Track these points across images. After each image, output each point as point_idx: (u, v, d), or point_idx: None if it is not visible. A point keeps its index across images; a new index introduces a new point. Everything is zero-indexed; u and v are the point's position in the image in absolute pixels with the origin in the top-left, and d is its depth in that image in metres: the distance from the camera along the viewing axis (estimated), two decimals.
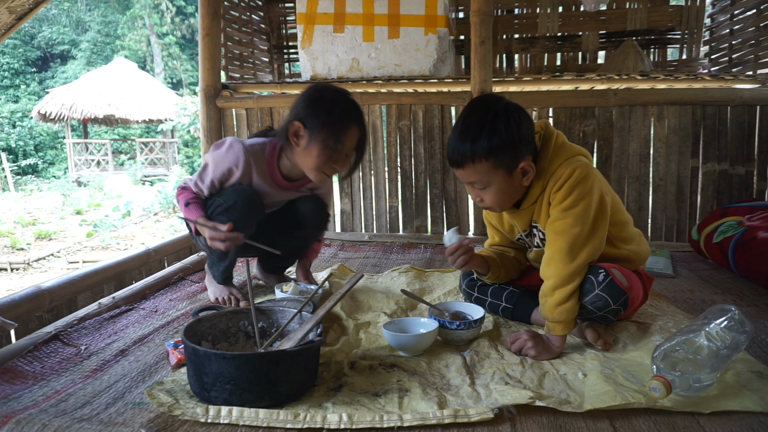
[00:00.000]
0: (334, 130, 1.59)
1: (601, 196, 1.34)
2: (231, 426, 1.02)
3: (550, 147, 1.38)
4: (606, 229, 1.36)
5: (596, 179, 1.34)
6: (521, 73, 3.66)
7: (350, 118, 1.62)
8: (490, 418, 1.03)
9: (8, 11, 2.04)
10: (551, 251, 1.34)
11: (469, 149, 1.31)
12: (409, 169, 2.98)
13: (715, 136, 2.71)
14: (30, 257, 5.88)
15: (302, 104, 1.65)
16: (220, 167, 1.67)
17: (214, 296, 1.81)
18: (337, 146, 1.61)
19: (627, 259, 1.46)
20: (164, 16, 17.59)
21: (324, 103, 1.62)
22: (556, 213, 1.34)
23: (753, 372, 1.19)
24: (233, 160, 1.66)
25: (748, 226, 2.04)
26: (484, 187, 1.36)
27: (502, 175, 1.34)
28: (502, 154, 1.31)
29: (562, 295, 1.31)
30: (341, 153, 1.63)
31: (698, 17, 3.39)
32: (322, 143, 1.60)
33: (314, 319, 1.24)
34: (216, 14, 2.99)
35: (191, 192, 1.69)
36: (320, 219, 1.85)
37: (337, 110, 1.60)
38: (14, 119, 15.79)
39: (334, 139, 1.60)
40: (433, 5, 3.00)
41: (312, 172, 1.67)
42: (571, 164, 1.33)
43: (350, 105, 1.64)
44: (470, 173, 1.35)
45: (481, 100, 1.39)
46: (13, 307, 1.56)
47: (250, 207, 1.66)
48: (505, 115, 1.31)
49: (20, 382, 1.20)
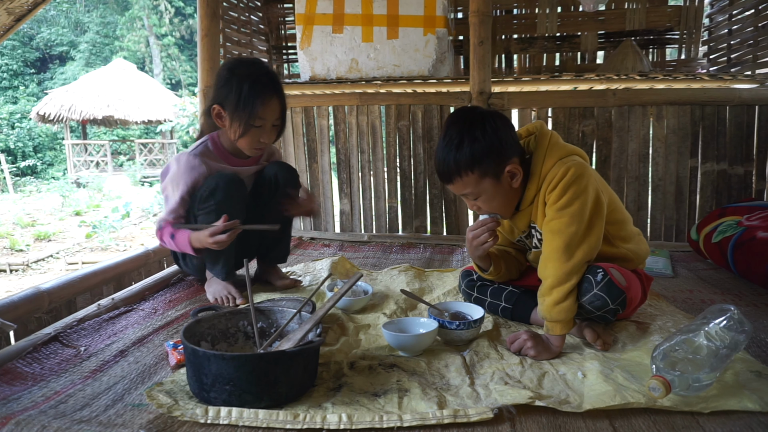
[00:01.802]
0: (248, 106, 1.64)
1: (597, 195, 1.34)
2: (230, 427, 1.02)
3: (544, 147, 1.38)
4: (602, 228, 1.36)
5: (591, 178, 1.34)
6: (520, 73, 3.66)
7: (263, 91, 1.65)
8: (489, 418, 1.03)
9: (7, 12, 2.04)
10: (548, 250, 1.34)
11: (453, 163, 1.33)
12: (409, 170, 2.98)
13: (714, 136, 2.72)
14: (29, 258, 5.88)
15: (217, 85, 1.71)
16: (182, 183, 1.70)
17: (213, 296, 1.81)
18: (255, 121, 1.66)
19: (625, 258, 1.46)
20: (163, 17, 17.58)
21: (235, 80, 1.66)
22: (552, 212, 1.34)
23: (752, 371, 1.19)
24: (189, 169, 1.70)
25: (747, 226, 2.04)
26: (476, 197, 1.39)
27: (491, 182, 1.35)
28: (485, 161, 1.32)
29: (559, 293, 1.31)
30: (263, 127, 1.69)
31: (697, 17, 3.39)
32: (240, 120, 1.66)
33: (313, 319, 1.24)
34: (215, 15, 2.99)
35: (168, 225, 1.71)
36: (289, 173, 1.88)
37: (246, 86, 1.63)
38: (13, 120, 15.78)
39: (250, 114, 1.64)
40: (431, 6, 3.00)
41: (244, 148, 1.74)
42: (564, 164, 1.34)
43: (262, 77, 1.66)
44: (460, 186, 1.37)
45: (458, 112, 1.41)
46: (12, 308, 1.56)
47: (231, 184, 1.70)
48: (480, 122, 1.33)
49: (20, 383, 1.20)
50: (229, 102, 1.67)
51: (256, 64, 1.72)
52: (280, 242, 1.97)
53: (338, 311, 1.66)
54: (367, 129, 3.01)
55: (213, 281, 1.85)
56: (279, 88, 1.70)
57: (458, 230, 2.96)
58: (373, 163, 3.01)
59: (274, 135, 1.77)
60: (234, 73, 1.68)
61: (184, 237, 1.66)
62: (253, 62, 1.73)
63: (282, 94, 1.72)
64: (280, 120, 1.74)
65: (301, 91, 3.26)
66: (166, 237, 1.71)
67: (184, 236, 1.66)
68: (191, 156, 1.73)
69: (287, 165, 1.92)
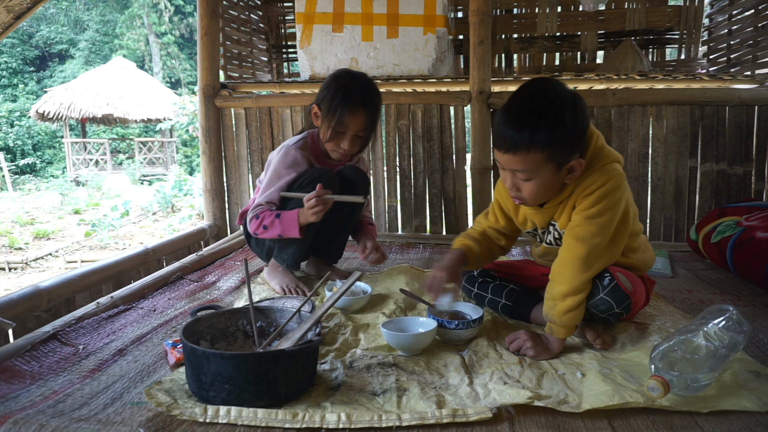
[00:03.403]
0: (336, 112, 1.75)
1: (627, 210, 1.32)
2: (229, 426, 1.02)
3: (590, 148, 1.32)
4: (624, 243, 1.35)
5: (625, 191, 1.32)
6: (520, 72, 3.66)
7: (353, 102, 1.75)
8: (488, 418, 1.03)
9: (6, 10, 2.04)
10: (567, 256, 1.31)
11: (527, 137, 1.20)
12: (408, 169, 2.98)
13: (714, 136, 2.72)
14: (28, 257, 5.88)
15: (321, 88, 1.83)
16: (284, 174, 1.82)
17: (280, 285, 1.86)
18: (339, 127, 1.77)
19: (634, 267, 1.45)
20: (163, 16, 17.55)
21: (333, 86, 1.78)
22: (580, 218, 1.31)
23: (751, 372, 1.19)
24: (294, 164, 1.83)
25: (746, 226, 2.04)
26: (527, 178, 1.28)
27: (551, 169, 1.26)
28: (559, 148, 1.22)
29: (573, 302, 1.30)
30: (346, 134, 1.78)
31: (696, 17, 3.39)
32: (328, 123, 1.77)
33: (313, 318, 1.24)
34: (215, 14, 2.99)
35: (267, 210, 1.80)
36: (362, 179, 1.94)
37: (340, 94, 1.75)
38: (12, 118, 15.76)
39: (337, 120, 1.75)
40: (431, 5, 3.00)
41: (329, 150, 1.86)
42: (606, 173, 1.29)
43: (358, 89, 1.77)
44: (519, 161, 1.25)
45: (545, 81, 1.29)
46: (11, 306, 1.56)
47: (330, 176, 1.81)
48: (572, 105, 1.23)
49: (18, 381, 1.20)
50: (324, 104, 1.79)
51: (358, 77, 1.82)
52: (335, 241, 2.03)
53: (337, 311, 1.66)
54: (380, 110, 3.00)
55: (278, 271, 1.90)
56: (369, 102, 1.79)
57: (458, 230, 2.96)
58: (373, 162, 3.01)
59: (358, 145, 1.85)
60: (335, 80, 1.81)
61: (293, 215, 1.73)
62: (356, 75, 1.84)
63: (372, 108, 1.80)
64: (365, 131, 1.82)
65: (300, 90, 3.25)
66: (268, 219, 1.77)
67: (293, 215, 1.73)
68: (295, 149, 1.85)
69: (361, 171, 1.96)
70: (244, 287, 1.96)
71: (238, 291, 1.93)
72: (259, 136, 3.11)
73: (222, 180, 3.13)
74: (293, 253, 1.85)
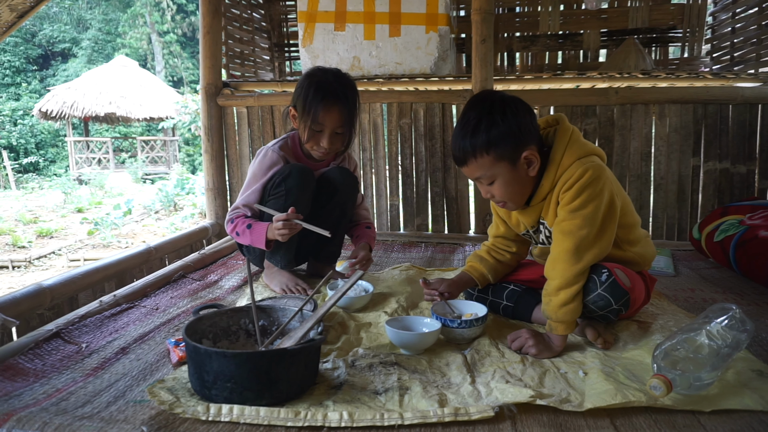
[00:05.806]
0: (311, 111, 1.70)
1: (611, 199, 1.33)
2: (232, 424, 1.02)
3: (564, 143, 1.36)
4: (614, 232, 1.35)
5: (608, 181, 1.33)
6: (522, 71, 3.66)
7: (326, 98, 1.70)
8: (490, 417, 1.03)
9: (9, 9, 2.04)
10: (557, 251, 1.33)
11: (469, 144, 1.32)
12: (410, 168, 2.98)
13: (717, 134, 2.71)
14: (31, 255, 5.89)
15: (296, 88, 1.79)
16: (260, 176, 1.81)
17: (280, 287, 1.85)
18: (316, 126, 1.73)
19: (632, 261, 1.45)
20: (165, 14, 17.57)
21: (306, 84, 1.74)
22: (564, 213, 1.33)
23: (754, 371, 1.19)
24: (270, 165, 1.81)
25: (749, 225, 2.04)
26: (490, 181, 1.36)
27: (506, 167, 1.33)
28: (502, 145, 1.30)
29: (567, 295, 1.30)
30: (324, 132, 1.74)
31: (700, 15, 3.38)
32: (304, 123, 1.74)
33: (315, 317, 1.24)
34: (217, 12, 2.99)
35: (242, 216, 1.79)
36: (348, 179, 1.90)
37: (312, 92, 1.70)
38: (15, 117, 15.78)
39: (312, 119, 1.71)
40: (434, 3, 2.99)
41: (310, 150, 1.82)
42: (583, 164, 1.32)
43: (331, 85, 1.72)
44: (474, 169, 1.35)
45: (479, 95, 1.39)
46: (14, 304, 1.56)
47: (303, 173, 1.78)
48: (500, 106, 1.31)
49: (21, 379, 1.20)
50: (299, 104, 1.75)
51: (330, 73, 1.76)
52: (332, 243, 2.00)
53: (339, 310, 1.66)
54: (368, 127, 3.00)
55: (275, 272, 1.90)
56: (343, 97, 1.72)
57: (459, 228, 2.96)
58: (375, 160, 3.01)
59: (339, 143, 1.79)
60: (307, 77, 1.76)
61: (263, 229, 1.71)
62: (328, 71, 1.78)
63: (348, 104, 1.73)
64: (343, 128, 1.76)
65: None
66: (241, 227, 1.76)
67: (263, 228, 1.71)
68: (272, 151, 1.83)
69: (347, 171, 1.93)
70: (246, 286, 1.96)
71: (241, 290, 1.93)
72: (261, 134, 3.11)
73: (224, 179, 3.14)
74: (285, 255, 1.85)
